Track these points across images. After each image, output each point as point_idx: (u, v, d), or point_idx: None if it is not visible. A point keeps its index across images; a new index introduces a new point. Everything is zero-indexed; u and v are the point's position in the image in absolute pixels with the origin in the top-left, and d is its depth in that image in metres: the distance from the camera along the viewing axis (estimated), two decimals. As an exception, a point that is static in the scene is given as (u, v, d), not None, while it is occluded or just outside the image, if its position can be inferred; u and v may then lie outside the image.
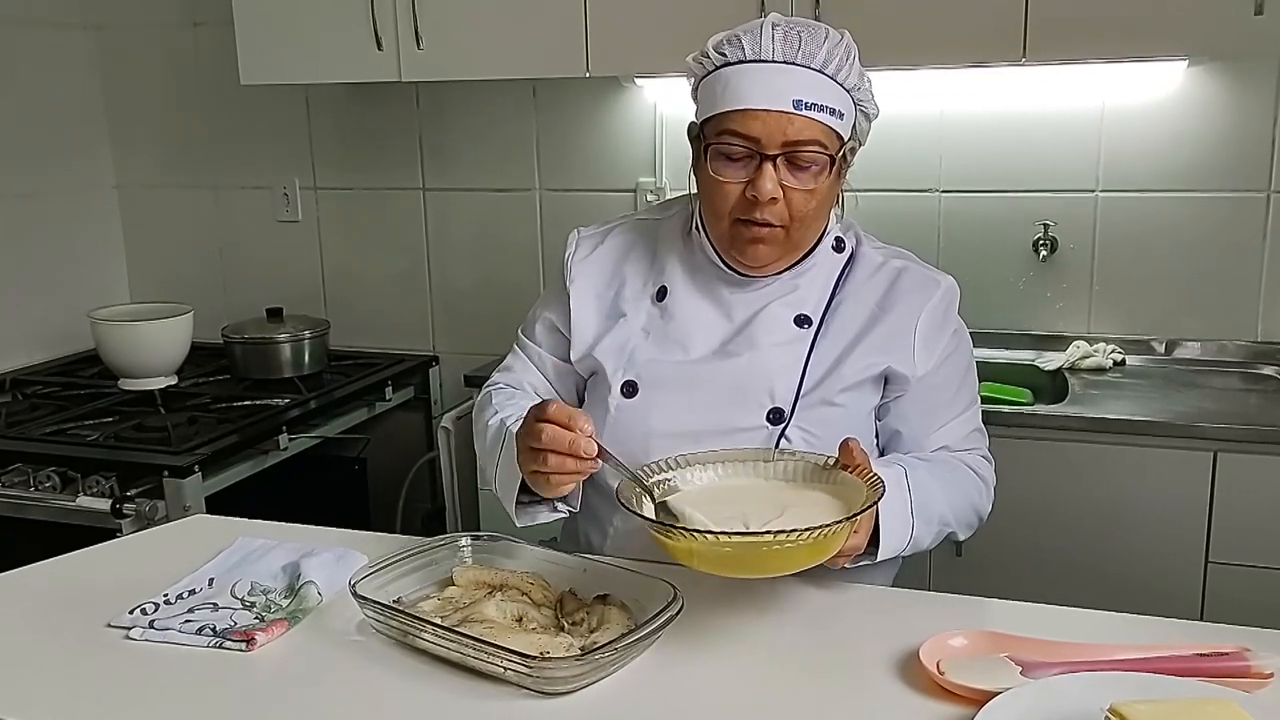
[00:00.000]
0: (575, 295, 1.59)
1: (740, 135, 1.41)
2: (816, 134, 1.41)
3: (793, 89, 1.39)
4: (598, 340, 1.56)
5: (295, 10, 2.70)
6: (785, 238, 1.46)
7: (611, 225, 1.66)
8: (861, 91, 1.46)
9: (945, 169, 2.72)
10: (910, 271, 1.54)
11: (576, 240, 1.65)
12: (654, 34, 2.43)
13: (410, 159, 3.14)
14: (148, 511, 2.25)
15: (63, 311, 3.16)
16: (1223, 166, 2.54)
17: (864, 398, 1.51)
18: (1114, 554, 2.23)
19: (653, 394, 1.49)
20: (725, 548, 1.16)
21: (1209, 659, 1.16)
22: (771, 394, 1.47)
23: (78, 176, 3.28)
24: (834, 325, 1.51)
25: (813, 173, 1.42)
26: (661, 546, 1.22)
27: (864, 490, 1.25)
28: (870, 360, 1.49)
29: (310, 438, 2.70)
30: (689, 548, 1.18)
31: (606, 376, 1.53)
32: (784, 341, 1.49)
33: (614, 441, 1.50)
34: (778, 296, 1.51)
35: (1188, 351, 2.62)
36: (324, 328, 3.00)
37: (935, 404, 1.53)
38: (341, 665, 1.24)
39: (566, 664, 1.14)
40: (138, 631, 1.30)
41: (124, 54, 3.30)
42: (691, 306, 1.53)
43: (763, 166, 1.41)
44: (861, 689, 1.18)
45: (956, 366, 1.54)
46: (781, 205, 1.42)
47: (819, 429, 1.46)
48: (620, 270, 1.60)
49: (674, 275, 1.56)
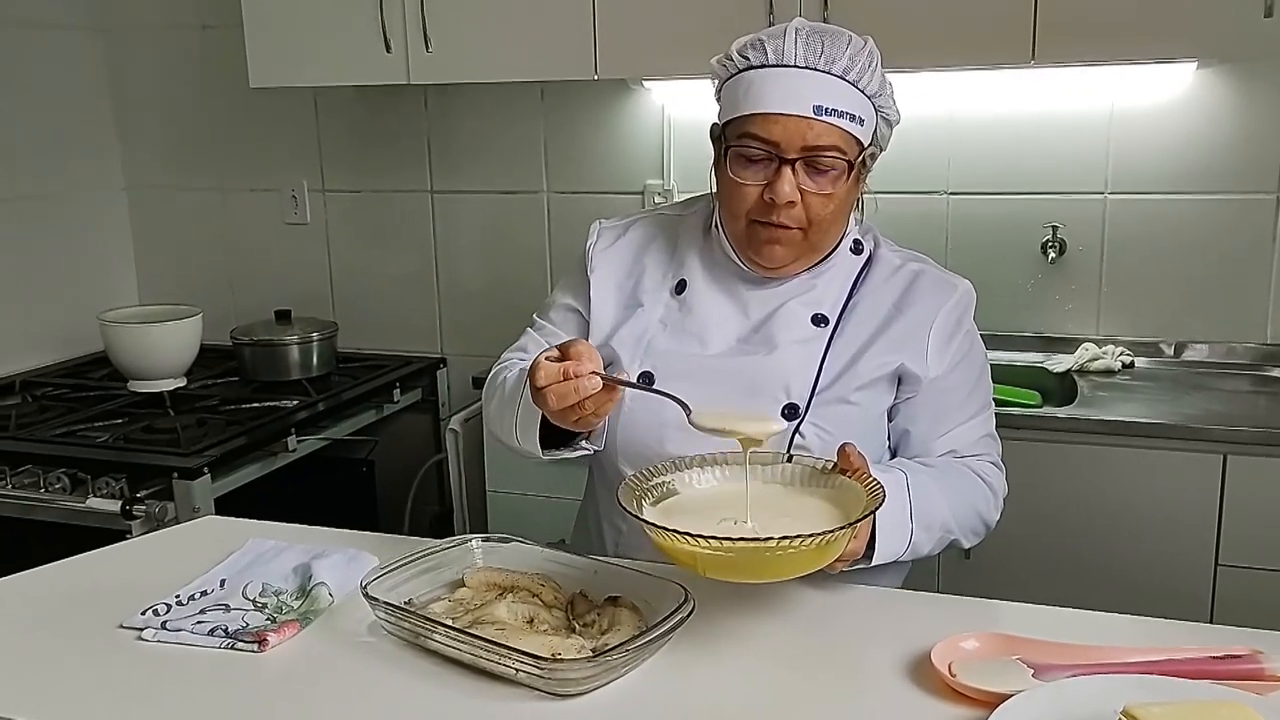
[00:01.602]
0: (596, 284, 1.60)
1: (760, 139, 1.42)
2: (836, 139, 1.41)
3: (814, 94, 1.40)
4: (615, 330, 1.57)
5: (304, 13, 2.70)
6: (802, 240, 1.47)
7: (633, 218, 1.67)
8: (883, 98, 1.47)
9: (954, 171, 2.72)
10: (927, 274, 1.55)
11: (599, 231, 1.66)
12: (662, 36, 2.43)
13: (419, 161, 3.15)
14: (157, 513, 2.25)
15: (72, 313, 3.17)
16: (1232, 168, 2.53)
17: (878, 397, 1.51)
18: (1124, 556, 2.23)
19: (669, 386, 1.49)
20: (729, 553, 1.16)
21: (1221, 661, 1.15)
22: (787, 390, 1.47)
23: (87, 179, 3.29)
24: (850, 325, 1.52)
25: (831, 178, 1.43)
26: (662, 550, 1.22)
27: (863, 495, 1.26)
28: (884, 359, 1.50)
29: (318, 439, 2.71)
30: (691, 551, 1.18)
31: (623, 366, 1.53)
32: (801, 339, 1.50)
33: (628, 432, 1.51)
34: (795, 295, 1.52)
35: (1197, 353, 2.62)
36: (332, 330, 3.00)
37: (946, 407, 1.52)
38: (353, 666, 1.24)
39: (578, 665, 1.14)
40: (150, 632, 1.31)
41: (133, 56, 3.31)
42: (710, 301, 1.54)
43: (781, 170, 1.41)
44: (873, 691, 1.18)
45: (969, 371, 1.54)
46: (799, 209, 1.43)
47: (833, 426, 1.46)
48: (640, 262, 1.61)
49: (693, 270, 1.57)
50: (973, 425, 1.55)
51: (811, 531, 1.15)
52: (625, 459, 1.52)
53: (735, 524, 1.23)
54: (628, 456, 1.51)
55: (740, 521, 1.24)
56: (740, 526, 1.23)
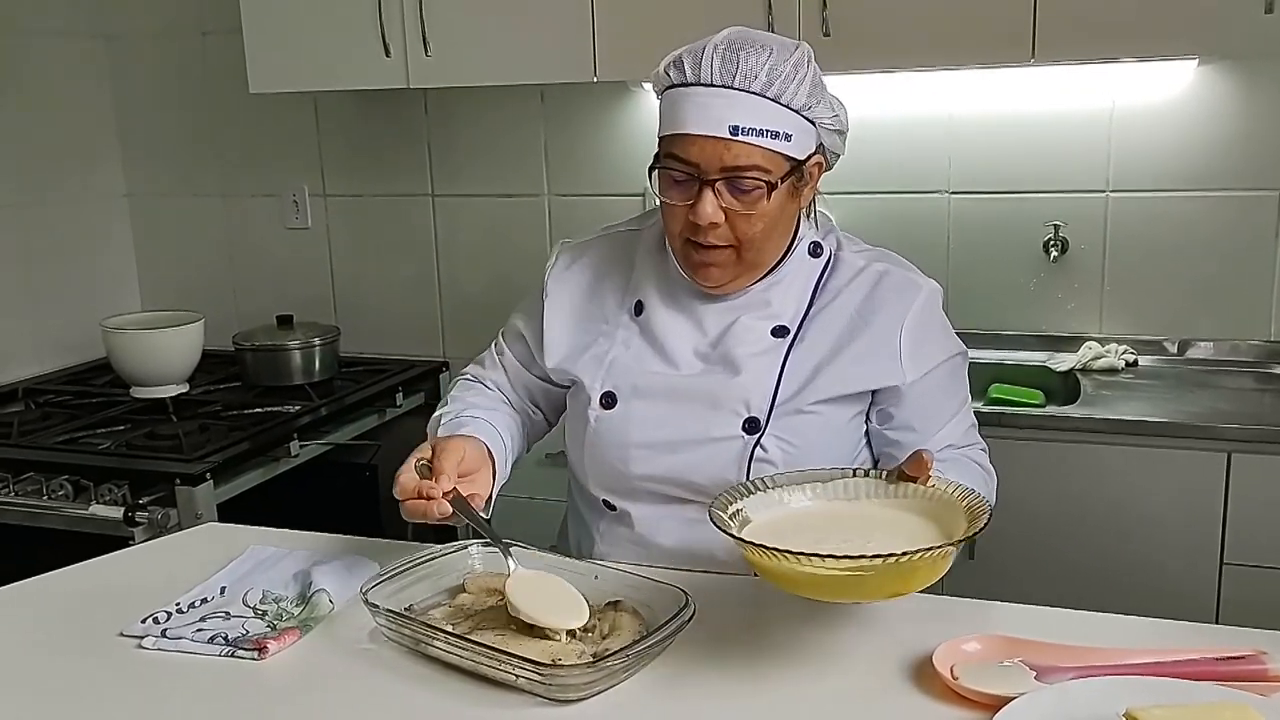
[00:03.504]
0: (548, 309, 1.61)
1: (681, 159, 1.40)
2: (756, 159, 1.38)
3: (730, 114, 1.37)
4: (576, 353, 1.57)
5: (304, 18, 2.70)
6: (736, 259, 1.45)
7: (591, 239, 1.67)
8: (818, 109, 1.42)
9: (955, 170, 2.71)
10: (891, 275, 1.52)
11: (557, 253, 1.66)
12: (662, 39, 2.38)
13: (419, 165, 3.15)
14: (160, 519, 2.25)
15: (74, 320, 3.17)
16: (1234, 166, 2.53)
17: (843, 408, 1.50)
18: (1127, 556, 2.22)
19: (631, 405, 1.50)
20: (867, 572, 1.11)
21: (1224, 662, 1.15)
22: (747, 404, 1.47)
23: (89, 185, 3.29)
24: (811, 333, 1.50)
25: (755, 197, 1.40)
26: (767, 574, 1.18)
27: (953, 501, 1.25)
28: (852, 371, 1.48)
29: (321, 444, 2.70)
30: (810, 574, 1.13)
31: (585, 388, 1.54)
32: (759, 352, 1.49)
33: (594, 451, 1.53)
34: (749, 309, 1.51)
35: (1200, 351, 2.61)
36: (334, 334, 3.00)
37: (934, 406, 1.52)
38: (353, 673, 1.24)
39: (578, 671, 1.14)
40: (150, 640, 1.31)
41: (134, 63, 3.31)
42: (667, 319, 1.53)
43: (703, 191, 1.39)
44: (875, 695, 1.18)
45: (949, 367, 1.53)
46: (725, 229, 1.41)
47: (796, 438, 1.46)
48: (599, 284, 1.61)
49: (649, 290, 1.56)
50: (960, 418, 1.55)
51: (941, 543, 1.14)
52: (593, 479, 1.54)
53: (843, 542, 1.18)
54: (595, 476, 1.54)
55: (846, 541, 1.18)
56: (850, 547, 1.16)
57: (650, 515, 1.51)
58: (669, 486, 1.49)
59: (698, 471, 1.47)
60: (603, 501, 1.55)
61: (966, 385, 1.59)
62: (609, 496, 1.54)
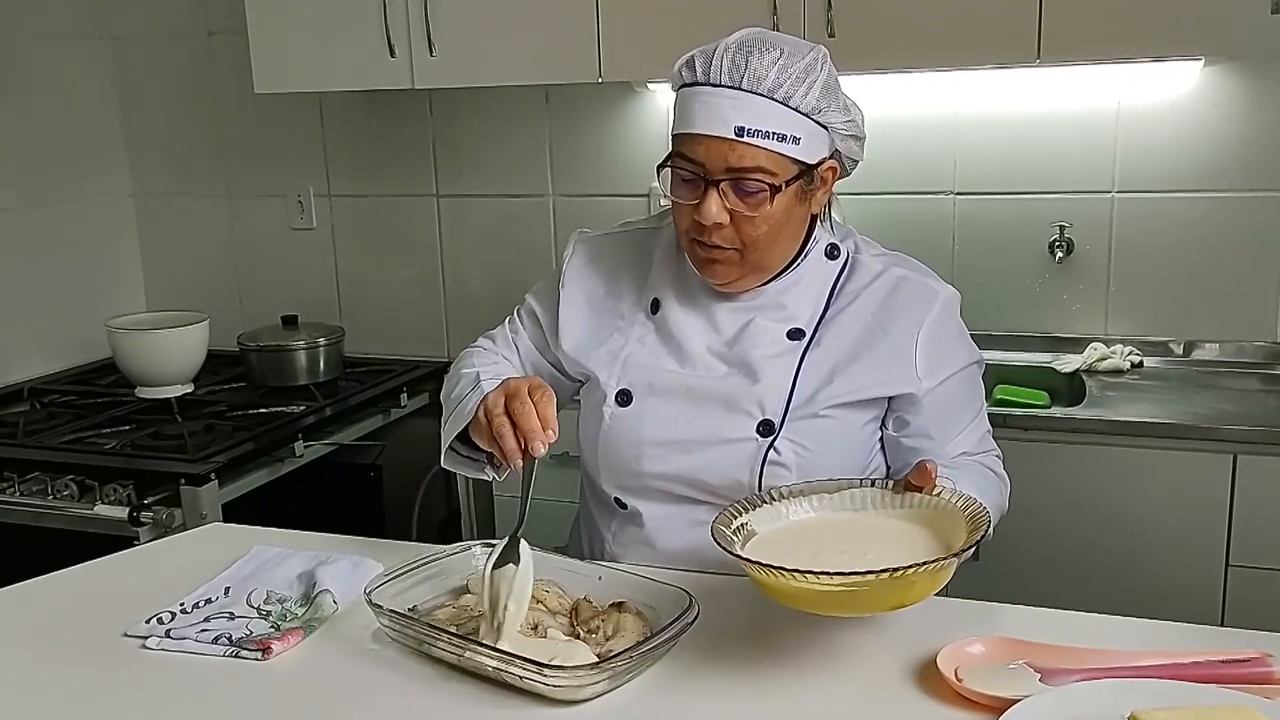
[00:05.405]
0: (564, 298, 1.61)
1: (688, 159, 1.41)
2: (761, 161, 1.38)
3: (737, 115, 1.37)
4: (591, 347, 1.57)
5: (308, 19, 2.70)
6: (741, 260, 1.45)
7: (611, 233, 1.67)
8: (830, 112, 1.41)
9: (960, 171, 2.71)
10: (909, 281, 1.51)
11: (575, 244, 1.66)
12: (667, 39, 2.41)
13: (424, 165, 3.15)
14: (165, 519, 2.25)
15: (79, 320, 3.17)
16: (1240, 166, 2.52)
17: (858, 413, 1.49)
18: (1133, 558, 2.22)
19: (646, 403, 1.51)
20: (860, 586, 1.11)
21: (1230, 665, 1.15)
22: (761, 406, 1.46)
23: (94, 186, 3.30)
24: (828, 337, 1.50)
25: (759, 199, 1.39)
26: (768, 590, 1.18)
27: (954, 511, 1.24)
28: (866, 381, 1.47)
29: (326, 445, 2.70)
30: (797, 588, 1.13)
31: (600, 385, 1.54)
32: (774, 355, 1.48)
33: (608, 448, 1.52)
34: (764, 309, 1.50)
35: (1206, 353, 2.60)
36: (339, 335, 3.00)
37: (951, 412, 1.51)
38: (357, 674, 1.24)
39: (582, 672, 1.14)
40: (154, 641, 1.31)
41: (138, 64, 3.31)
42: (683, 318, 1.53)
43: (708, 191, 1.40)
44: (878, 697, 1.17)
45: (964, 375, 1.53)
46: (730, 230, 1.41)
47: (809, 442, 1.46)
48: (616, 280, 1.61)
49: (666, 288, 1.56)
50: (975, 425, 1.55)
51: (935, 558, 1.13)
52: (606, 476, 1.54)
53: (841, 554, 1.19)
54: (608, 473, 1.54)
55: (843, 553, 1.20)
56: (847, 559, 1.18)
57: (661, 514, 1.52)
58: (681, 486, 1.49)
59: (710, 472, 1.47)
60: (614, 499, 1.55)
61: (982, 392, 1.58)
62: (620, 494, 1.54)
